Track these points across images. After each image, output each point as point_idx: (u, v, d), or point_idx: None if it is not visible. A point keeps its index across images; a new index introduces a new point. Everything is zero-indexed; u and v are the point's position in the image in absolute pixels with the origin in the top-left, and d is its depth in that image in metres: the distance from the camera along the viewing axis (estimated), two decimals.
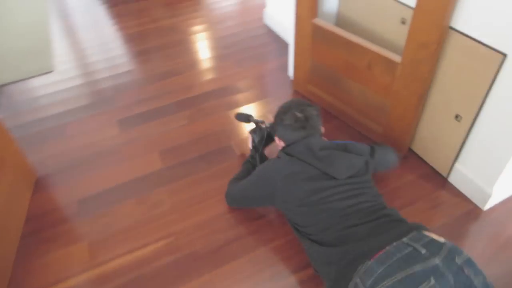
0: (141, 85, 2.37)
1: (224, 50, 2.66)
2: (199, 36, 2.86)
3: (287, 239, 1.48)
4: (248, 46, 2.68)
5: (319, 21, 1.84)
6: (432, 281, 0.91)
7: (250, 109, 2.14)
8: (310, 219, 1.24)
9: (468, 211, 1.56)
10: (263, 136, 1.65)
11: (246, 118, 1.79)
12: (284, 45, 2.66)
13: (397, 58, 1.55)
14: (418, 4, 1.37)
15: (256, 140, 1.65)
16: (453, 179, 1.64)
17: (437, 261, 0.94)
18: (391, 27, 1.69)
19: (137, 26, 3.04)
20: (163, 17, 3.14)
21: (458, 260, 0.95)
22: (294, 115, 1.35)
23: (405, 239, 1.02)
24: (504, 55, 1.24)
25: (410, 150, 1.81)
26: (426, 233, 1.05)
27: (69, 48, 2.83)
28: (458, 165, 1.59)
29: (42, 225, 1.61)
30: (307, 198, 1.24)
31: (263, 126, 1.67)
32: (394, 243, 1.01)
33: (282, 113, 1.40)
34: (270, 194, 1.34)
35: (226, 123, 2.06)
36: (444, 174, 1.68)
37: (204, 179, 1.75)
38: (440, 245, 0.99)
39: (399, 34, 1.66)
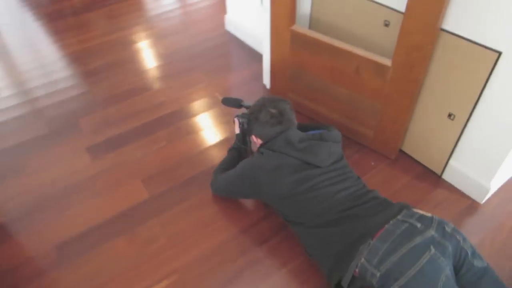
0: (103, 108, 2.16)
1: (189, 62, 2.52)
2: (155, 49, 2.68)
3: (300, 260, 1.40)
4: (214, 55, 2.57)
5: (298, 28, 1.79)
6: (433, 250, 1.01)
7: (230, 122, 2.03)
8: (302, 208, 1.27)
9: (468, 206, 1.58)
10: (248, 121, 1.56)
11: (236, 102, 1.70)
12: (251, 52, 2.58)
13: (386, 61, 1.54)
14: (409, 7, 1.36)
15: (246, 125, 1.57)
16: (448, 176, 1.66)
17: (432, 232, 1.05)
18: (373, 30, 1.68)
19: (81, 43, 2.78)
20: (108, 31, 2.91)
21: (448, 229, 1.08)
22: (269, 112, 1.38)
23: (399, 217, 1.11)
24: (499, 53, 1.26)
25: (400, 151, 1.81)
26: (415, 210, 1.16)
27: (5, 72, 2.52)
28: (453, 162, 1.61)
29: (17, 281, 1.39)
30: (295, 189, 1.26)
31: None
32: (391, 221, 1.09)
33: (256, 111, 1.42)
34: (256, 189, 1.37)
35: (210, 139, 1.93)
36: (437, 172, 1.70)
37: (198, 204, 1.62)
38: (430, 219, 1.10)
39: (382, 37, 1.65)
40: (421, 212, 1.14)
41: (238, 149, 1.66)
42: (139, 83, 2.34)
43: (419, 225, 1.07)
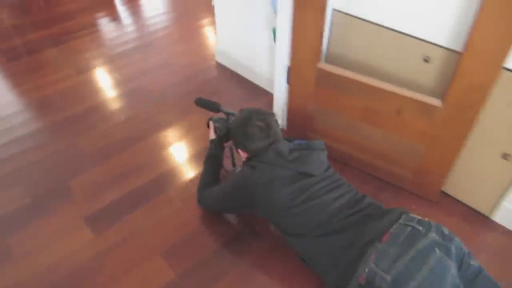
0: (95, 164, 1.85)
1: (183, 101, 2.26)
2: (138, 89, 2.40)
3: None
4: (209, 92, 2.33)
5: (325, 66, 1.62)
6: (437, 251, 1.03)
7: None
8: (301, 220, 1.23)
9: None
10: (228, 128, 1.55)
11: (214, 106, 1.64)
12: (251, 86, 2.38)
13: (436, 102, 1.41)
14: (470, 45, 1.23)
15: (223, 131, 1.58)
16: (500, 218, 1.56)
17: (433, 235, 1.07)
18: (409, 66, 1.55)
19: (48, 86, 2.41)
20: (75, 71, 2.59)
21: (446, 231, 1.11)
22: (256, 125, 1.35)
23: (401, 221, 1.12)
24: None
25: (442, 192, 1.69)
26: (412, 214, 1.17)
27: None
28: (507, 204, 1.51)
29: None
30: (292, 201, 1.23)
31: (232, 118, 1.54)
32: (394, 226, 1.10)
33: (242, 125, 1.37)
34: (250, 205, 1.33)
35: None
36: (486, 213, 1.59)
37: (239, 280, 1.37)
38: (428, 222, 1.12)
39: (421, 73, 1.52)
40: (418, 217, 1.16)
41: (215, 156, 1.62)
42: (130, 131, 2.04)
43: (421, 228, 1.09)
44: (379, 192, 1.70)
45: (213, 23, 3.14)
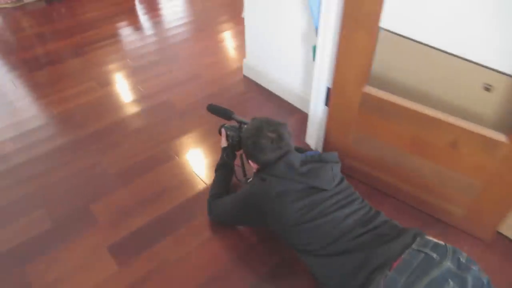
0: (118, 186, 1.75)
1: (211, 118, 2.15)
2: (165, 103, 2.31)
3: None
4: (239, 108, 2.21)
5: (372, 90, 1.49)
6: (451, 283, 0.96)
7: None
8: (311, 236, 1.18)
9: None
10: (240, 137, 1.52)
11: (226, 114, 1.61)
12: (281, 102, 2.26)
13: (499, 136, 1.27)
14: None
15: (236, 139, 1.55)
16: None
17: (448, 263, 0.99)
18: (467, 95, 1.42)
19: (70, 100, 2.34)
20: (99, 83, 2.51)
21: (462, 259, 1.02)
22: (268, 136, 1.29)
23: (414, 246, 1.05)
24: None
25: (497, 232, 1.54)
26: (427, 237, 1.10)
27: None
28: None
29: None
30: (304, 216, 1.18)
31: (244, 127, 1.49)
32: (407, 251, 1.04)
33: (254, 136, 1.32)
34: (260, 218, 1.28)
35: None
36: None
37: None
38: (444, 248, 1.04)
39: (481, 103, 1.38)
40: (434, 240, 1.09)
41: (226, 165, 1.60)
42: (156, 150, 1.94)
43: (435, 255, 1.02)
44: (425, 228, 1.56)
45: (237, 34, 3.05)
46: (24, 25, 3.37)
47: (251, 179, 1.41)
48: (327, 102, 1.72)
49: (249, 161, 1.39)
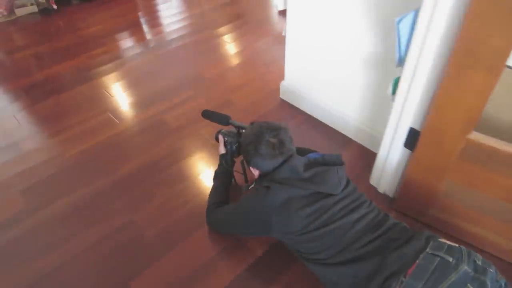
0: (154, 257, 1.46)
1: None
2: (196, 135, 2.00)
3: None
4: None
5: (480, 137, 1.21)
6: (470, 287, 0.93)
7: None
8: (320, 244, 1.13)
9: None
10: (238, 142, 1.49)
11: (223, 119, 1.56)
12: (329, 131, 1.97)
13: None
14: None
15: (234, 145, 1.51)
16: None
17: (465, 266, 0.96)
18: None
19: (83, 139, 2.03)
20: (113, 116, 2.20)
21: (478, 261, 0.99)
22: (269, 142, 1.23)
23: (429, 250, 1.02)
24: None
25: None
26: (440, 240, 1.07)
27: None
28: None
29: None
30: (311, 224, 1.13)
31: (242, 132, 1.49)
32: (421, 256, 1.01)
33: (254, 142, 1.25)
34: (265, 228, 1.21)
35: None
36: None
37: None
38: (459, 250, 1.01)
39: None
40: (448, 242, 1.05)
41: (225, 173, 1.56)
42: (199, 200, 1.64)
43: (451, 259, 0.98)
44: None
45: (261, 53, 2.73)
46: (19, 44, 3.01)
47: (252, 185, 1.35)
48: (408, 144, 1.43)
49: (250, 167, 1.32)
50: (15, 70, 2.65)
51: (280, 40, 2.74)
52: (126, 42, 2.93)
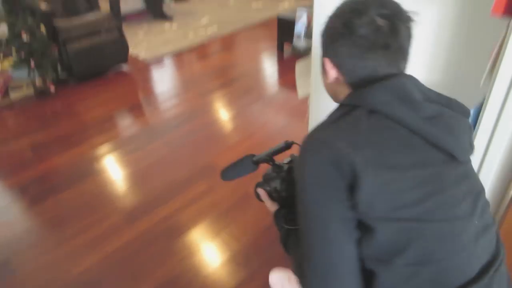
0: None
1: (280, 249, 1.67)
2: (226, 242, 1.82)
3: None
4: None
5: None
6: None
7: None
8: (403, 242, 0.68)
9: None
10: (284, 179, 1.01)
11: (247, 165, 1.06)
12: None
13: None
14: None
15: (282, 187, 1.01)
16: None
17: None
18: None
19: (91, 249, 1.83)
20: (128, 219, 2.02)
21: None
22: (373, 21, 0.71)
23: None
24: None
25: None
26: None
27: None
28: None
29: None
30: (417, 205, 0.68)
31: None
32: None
33: (353, 12, 0.73)
34: (346, 188, 0.68)
35: None
36: None
37: None
38: None
39: None
40: None
41: (293, 233, 0.93)
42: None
43: None
44: None
45: (279, 131, 2.64)
46: (16, 131, 2.85)
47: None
48: None
49: (325, 64, 0.80)
50: (12, 163, 2.46)
51: (296, 113, 2.68)
52: (131, 129, 2.81)
